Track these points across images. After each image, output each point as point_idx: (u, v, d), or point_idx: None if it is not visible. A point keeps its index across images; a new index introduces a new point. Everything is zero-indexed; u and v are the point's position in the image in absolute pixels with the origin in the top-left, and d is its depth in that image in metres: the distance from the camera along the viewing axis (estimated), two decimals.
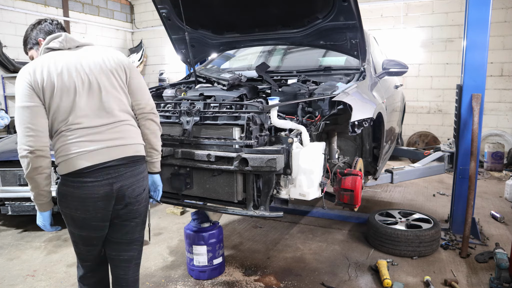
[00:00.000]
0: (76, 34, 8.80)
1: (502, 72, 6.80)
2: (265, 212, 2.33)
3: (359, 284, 2.80)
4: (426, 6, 7.24)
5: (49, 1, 8.17)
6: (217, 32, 3.33)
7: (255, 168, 2.18)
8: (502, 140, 6.76)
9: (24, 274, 3.07)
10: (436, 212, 4.26)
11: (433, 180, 5.64)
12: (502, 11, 6.62)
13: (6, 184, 3.80)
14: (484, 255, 3.15)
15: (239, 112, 2.40)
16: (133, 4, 10.40)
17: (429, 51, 7.33)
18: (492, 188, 5.33)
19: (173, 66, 9.95)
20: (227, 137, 2.44)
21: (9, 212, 3.77)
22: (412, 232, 3.16)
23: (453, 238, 3.50)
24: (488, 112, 6.86)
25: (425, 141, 7.19)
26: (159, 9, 3.16)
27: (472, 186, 3.25)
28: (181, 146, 2.52)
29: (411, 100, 7.53)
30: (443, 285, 2.77)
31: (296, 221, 4.08)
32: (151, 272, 3.06)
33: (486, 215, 4.17)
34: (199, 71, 3.43)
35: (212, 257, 2.88)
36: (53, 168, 3.75)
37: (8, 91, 7.45)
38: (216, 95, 2.78)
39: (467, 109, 3.40)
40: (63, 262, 3.26)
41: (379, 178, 3.68)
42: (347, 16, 2.63)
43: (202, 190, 2.57)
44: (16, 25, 7.53)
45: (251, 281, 2.88)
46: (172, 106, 2.75)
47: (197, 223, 2.91)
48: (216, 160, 2.30)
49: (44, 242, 3.69)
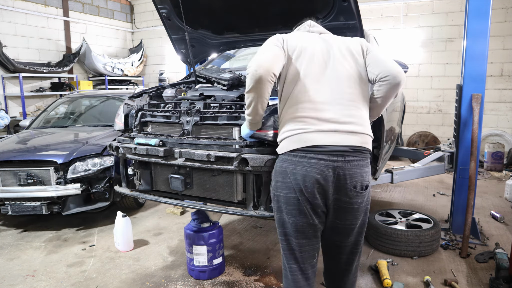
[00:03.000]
0: (76, 34, 8.81)
1: (502, 72, 6.80)
2: (265, 212, 2.33)
3: (359, 284, 2.80)
4: (426, 6, 7.24)
5: (49, 1, 8.17)
6: (217, 32, 3.33)
7: (255, 168, 2.18)
8: (502, 140, 6.76)
9: (24, 274, 3.07)
10: (436, 212, 4.26)
11: (433, 180, 5.64)
12: (502, 11, 6.62)
13: (6, 184, 3.80)
14: (484, 255, 3.15)
15: (239, 112, 2.40)
16: (133, 4, 10.40)
17: (429, 51, 7.33)
18: (492, 188, 5.33)
19: (173, 66, 9.96)
20: (227, 137, 2.44)
21: (9, 212, 3.76)
22: (412, 232, 3.16)
23: (453, 238, 3.50)
24: (488, 112, 6.85)
25: (425, 141, 7.19)
26: (159, 9, 3.16)
27: (472, 186, 3.25)
28: (181, 146, 2.52)
29: (411, 100, 7.53)
30: (443, 285, 2.77)
31: None
32: (151, 272, 3.06)
33: (486, 215, 4.17)
34: (199, 71, 3.42)
35: (212, 257, 2.88)
36: (52, 168, 3.78)
37: (8, 91, 7.45)
38: (216, 95, 2.78)
39: (467, 109, 3.40)
40: (63, 262, 3.26)
41: (379, 178, 3.67)
42: (347, 16, 2.63)
43: (202, 190, 2.57)
44: (16, 25, 7.53)
45: (251, 281, 2.88)
46: (172, 106, 2.75)
47: (197, 223, 2.91)
48: (216, 160, 2.30)
49: (44, 242, 3.69)
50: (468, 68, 3.38)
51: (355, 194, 1.66)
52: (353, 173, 1.63)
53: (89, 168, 3.83)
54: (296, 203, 1.65)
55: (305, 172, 1.60)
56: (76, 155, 3.83)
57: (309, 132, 1.62)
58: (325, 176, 1.60)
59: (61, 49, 8.52)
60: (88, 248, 3.53)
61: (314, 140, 1.61)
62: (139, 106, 2.92)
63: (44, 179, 3.78)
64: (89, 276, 3.02)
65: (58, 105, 5.44)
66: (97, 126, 4.78)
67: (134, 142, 2.69)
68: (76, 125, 5.08)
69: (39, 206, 3.76)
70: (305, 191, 1.62)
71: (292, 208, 1.67)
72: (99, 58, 8.90)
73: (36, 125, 5.10)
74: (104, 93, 5.83)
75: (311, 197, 1.64)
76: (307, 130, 1.63)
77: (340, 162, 1.60)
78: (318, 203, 1.65)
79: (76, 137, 4.42)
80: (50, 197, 3.75)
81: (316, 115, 1.65)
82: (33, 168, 3.77)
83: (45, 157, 3.81)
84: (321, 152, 1.60)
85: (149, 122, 2.84)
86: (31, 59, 7.82)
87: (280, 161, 1.72)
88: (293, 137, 1.65)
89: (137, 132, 2.85)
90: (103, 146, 3.97)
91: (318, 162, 1.59)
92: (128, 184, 2.98)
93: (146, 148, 2.54)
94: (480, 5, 3.27)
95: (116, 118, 3.14)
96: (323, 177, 1.60)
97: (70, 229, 4.03)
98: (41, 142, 4.36)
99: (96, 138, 4.22)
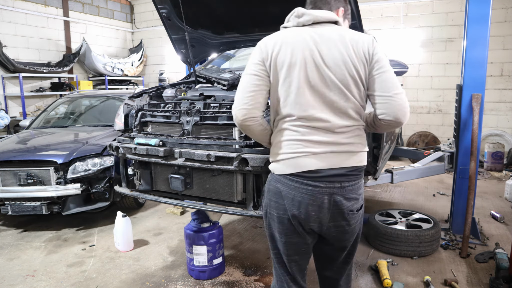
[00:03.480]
0: (76, 34, 8.81)
1: (502, 72, 6.80)
2: None
3: (359, 284, 2.80)
4: (426, 6, 7.23)
5: (49, 1, 8.17)
6: (217, 32, 3.33)
7: (255, 168, 2.18)
8: (502, 140, 6.76)
9: (24, 274, 3.07)
10: (436, 212, 4.26)
11: (433, 180, 5.64)
12: (502, 11, 6.62)
13: (6, 184, 3.80)
14: (484, 255, 3.15)
15: None
16: (133, 4, 10.40)
17: (429, 51, 7.33)
18: (492, 188, 5.33)
19: (173, 66, 9.95)
20: (227, 137, 2.44)
21: (9, 212, 3.76)
22: (412, 232, 3.16)
23: (453, 238, 3.50)
24: (488, 112, 6.85)
25: (425, 141, 7.19)
26: (159, 9, 3.16)
27: (472, 186, 3.25)
28: (181, 146, 2.52)
29: (411, 100, 7.52)
30: (443, 285, 2.77)
31: None
32: (151, 272, 3.06)
33: (486, 215, 4.17)
34: (199, 71, 3.42)
35: (212, 257, 2.88)
36: (52, 168, 3.78)
37: (8, 91, 7.45)
38: (216, 95, 2.78)
39: (467, 109, 3.40)
40: (63, 262, 3.26)
41: (379, 178, 3.67)
42: None
43: (202, 190, 2.57)
44: (16, 25, 7.53)
45: (251, 281, 2.88)
46: (172, 106, 2.75)
47: (197, 223, 2.91)
48: (216, 160, 2.30)
49: (44, 242, 3.69)
50: (468, 68, 3.38)
51: (352, 217, 1.60)
52: (350, 197, 1.56)
53: (89, 168, 3.83)
54: (289, 224, 1.59)
55: (301, 199, 1.52)
56: (76, 155, 3.83)
57: (304, 156, 1.51)
58: (321, 203, 1.52)
59: (61, 49, 8.52)
60: (88, 248, 3.53)
61: (310, 165, 1.50)
62: (139, 106, 2.92)
63: (44, 179, 3.78)
64: (89, 276, 3.02)
65: (58, 105, 5.44)
66: (97, 126, 4.78)
67: (134, 142, 2.69)
68: (76, 125, 5.07)
69: (39, 206, 3.76)
70: (299, 217, 1.55)
71: (285, 228, 1.61)
72: (99, 58, 8.90)
73: (36, 125, 5.10)
74: (104, 93, 5.83)
75: (304, 223, 1.57)
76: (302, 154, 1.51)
77: (337, 189, 1.52)
78: (313, 228, 1.59)
79: (76, 137, 4.42)
80: (50, 197, 3.75)
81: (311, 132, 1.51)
82: (33, 168, 3.77)
83: (45, 157, 3.81)
84: (317, 179, 1.51)
85: (149, 122, 2.84)
86: (31, 59, 7.82)
87: (274, 181, 1.60)
88: (287, 161, 1.54)
89: (137, 132, 2.85)
90: (103, 146, 3.97)
91: (314, 189, 1.51)
92: (128, 184, 2.98)
93: (146, 148, 2.55)
94: (479, 9, 3.27)
95: (116, 118, 3.14)
96: (319, 205, 1.52)
97: (70, 229, 4.03)
98: (41, 142, 4.36)
99: (96, 138, 4.22)
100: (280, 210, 1.59)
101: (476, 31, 3.30)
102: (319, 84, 1.49)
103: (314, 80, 1.49)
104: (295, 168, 1.52)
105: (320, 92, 1.50)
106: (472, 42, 3.34)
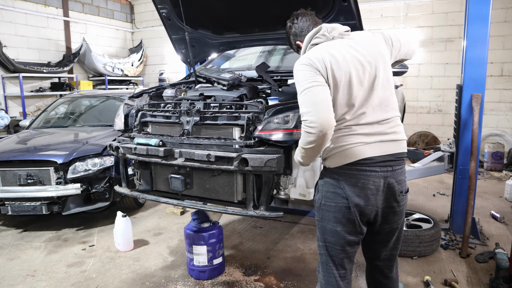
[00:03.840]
0: (76, 34, 8.82)
1: (502, 72, 6.80)
2: (265, 212, 2.33)
3: (359, 284, 2.80)
4: (426, 6, 7.23)
5: (49, 1, 8.17)
6: (217, 32, 3.33)
7: (255, 168, 2.18)
8: (502, 140, 6.76)
9: (24, 274, 3.07)
10: (436, 212, 4.25)
11: (433, 180, 5.64)
12: (502, 11, 6.62)
13: (6, 184, 3.80)
14: (484, 255, 3.15)
15: (239, 112, 2.40)
16: (133, 4, 10.40)
17: (429, 51, 7.33)
18: (492, 188, 5.33)
19: (173, 66, 9.96)
20: (227, 137, 2.44)
21: (9, 212, 3.76)
22: (412, 232, 3.16)
23: (453, 238, 3.50)
24: (488, 112, 6.85)
25: (425, 141, 7.18)
26: (159, 9, 3.16)
27: (472, 186, 3.25)
28: (181, 146, 2.52)
29: (411, 100, 7.53)
30: (443, 285, 2.77)
31: (296, 221, 4.08)
32: (151, 272, 3.06)
33: (486, 215, 4.17)
34: (199, 71, 3.42)
35: (212, 257, 2.88)
36: (52, 168, 3.78)
37: (8, 91, 7.45)
38: (216, 95, 2.78)
39: (467, 109, 3.40)
40: (63, 262, 3.26)
41: None
42: (347, 16, 2.63)
43: (202, 190, 2.57)
44: (16, 25, 7.53)
45: (251, 281, 2.88)
46: (172, 106, 2.75)
47: (197, 223, 2.91)
48: (216, 160, 2.30)
49: (44, 242, 3.69)
50: (468, 68, 3.38)
51: (402, 198, 1.78)
52: (399, 180, 1.75)
53: (89, 168, 3.83)
54: (347, 212, 1.71)
55: (361, 185, 1.68)
56: (76, 155, 3.83)
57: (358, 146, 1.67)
58: (378, 186, 1.69)
59: (61, 49, 8.52)
60: (88, 248, 3.53)
61: (365, 153, 1.67)
62: (139, 106, 2.92)
63: (44, 179, 3.78)
64: (89, 276, 3.02)
65: (58, 105, 5.44)
66: (97, 126, 4.78)
67: (134, 142, 2.69)
68: (76, 125, 5.08)
69: (39, 206, 3.76)
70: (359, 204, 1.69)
71: (341, 216, 1.73)
72: (99, 58, 8.90)
73: (36, 125, 5.10)
74: (104, 93, 5.83)
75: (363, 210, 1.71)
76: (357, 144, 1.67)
77: (390, 172, 1.71)
78: (369, 215, 1.74)
79: (76, 137, 4.42)
80: (50, 197, 3.75)
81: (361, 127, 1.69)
82: (33, 168, 3.77)
83: (45, 157, 3.81)
84: (372, 165, 1.68)
85: (149, 122, 2.84)
86: (31, 59, 7.82)
87: (331, 173, 1.74)
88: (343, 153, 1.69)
89: (137, 132, 2.85)
90: (103, 146, 3.97)
91: (371, 174, 1.68)
92: (128, 184, 2.98)
93: (146, 148, 2.54)
94: (479, 9, 3.28)
95: (116, 118, 3.14)
96: (376, 188, 1.69)
97: (70, 229, 4.03)
98: (41, 142, 4.36)
99: (96, 138, 4.22)
100: (338, 200, 1.72)
101: (476, 31, 3.31)
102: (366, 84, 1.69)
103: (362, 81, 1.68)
104: (352, 158, 1.67)
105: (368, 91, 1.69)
106: (472, 42, 3.34)
